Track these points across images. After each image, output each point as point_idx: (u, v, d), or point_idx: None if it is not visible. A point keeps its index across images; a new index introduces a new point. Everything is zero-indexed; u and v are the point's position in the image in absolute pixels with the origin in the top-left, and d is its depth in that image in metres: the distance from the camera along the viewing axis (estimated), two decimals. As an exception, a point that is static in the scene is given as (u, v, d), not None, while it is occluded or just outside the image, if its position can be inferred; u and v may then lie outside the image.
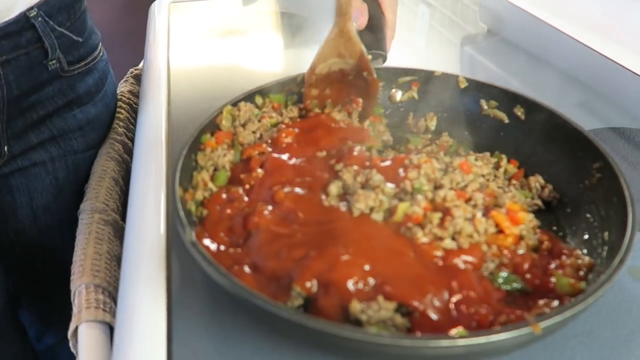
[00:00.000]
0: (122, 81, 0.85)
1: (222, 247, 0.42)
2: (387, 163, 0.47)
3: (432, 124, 0.60)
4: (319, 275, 0.37)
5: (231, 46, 0.89)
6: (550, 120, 0.52)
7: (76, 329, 0.47)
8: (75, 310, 0.49)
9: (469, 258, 0.39)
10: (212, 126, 0.52)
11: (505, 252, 0.41)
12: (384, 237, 0.41)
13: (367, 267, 0.38)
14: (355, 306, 0.36)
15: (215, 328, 0.39)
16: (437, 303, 0.36)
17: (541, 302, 0.37)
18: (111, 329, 0.46)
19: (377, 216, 0.43)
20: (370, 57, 0.58)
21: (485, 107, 0.58)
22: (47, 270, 0.76)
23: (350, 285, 0.37)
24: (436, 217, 0.42)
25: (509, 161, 0.53)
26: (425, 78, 0.60)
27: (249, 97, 0.55)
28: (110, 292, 0.51)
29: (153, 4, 1.06)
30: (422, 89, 0.60)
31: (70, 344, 0.48)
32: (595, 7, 0.90)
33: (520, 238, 0.43)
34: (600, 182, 0.46)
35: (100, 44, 0.73)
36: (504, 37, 0.94)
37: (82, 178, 0.70)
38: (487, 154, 0.54)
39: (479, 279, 0.38)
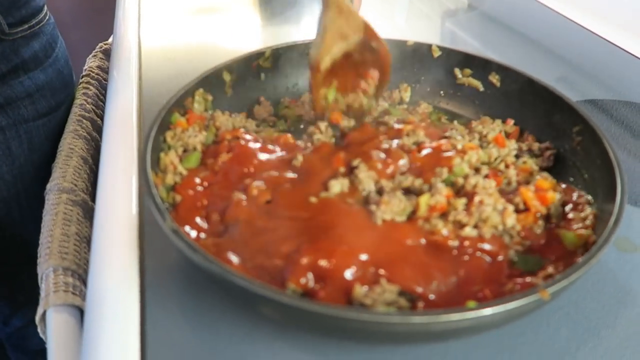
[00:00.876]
0: (90, 56, 0.81)
1: (202, 235, 0.39)
2: (428, 151, 0.45)
3: (407, 95, 0.58)
4: (313, 269, 0.35)
5: (206, 22, 0.86)
6: (526, 85, 0.52)
7: (44, 313, 0.45)
8: (42, 294, 0.47)
9: (489, 247, 0.38)
10: (180, 106, 0.49)
11: (523, 233, 0.40)
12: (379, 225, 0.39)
13: (364, 257, 0.36)
14: (359, 290, 0.34)
15: (191, 310, 0.38)
16: (442, 289, 0.34)
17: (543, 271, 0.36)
18: (82, 313, 0.44)
19: (401, 218, 0.40)
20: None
21: (460, 75, 0.57)
22: (8, 248, 0.73)
23: (349, 275, 0.35)
24: (461, 203, 0.40)
25: (504, 122, 0.52)
26: (398, 48, 0.58)
27: (217, 73, 0.52)
28: (80, 274, 0.48)
29: (122, -23, 1.01)
30: (395, 60, 0.59)
31: (39, 329, 0.46)
32: (575, -19, 0.89)
33: (547, 217, 0.41)
34: (581, 145, 0.46)
35: (45, 6, 0.69)
36: (484, 12, 0.93)
37: (38, 149, 0.67)
38: (487, 118, 0.53)
39: (493, 264, 0.37)
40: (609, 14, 0.83)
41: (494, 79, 0.55)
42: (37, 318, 0.45)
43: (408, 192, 0.42)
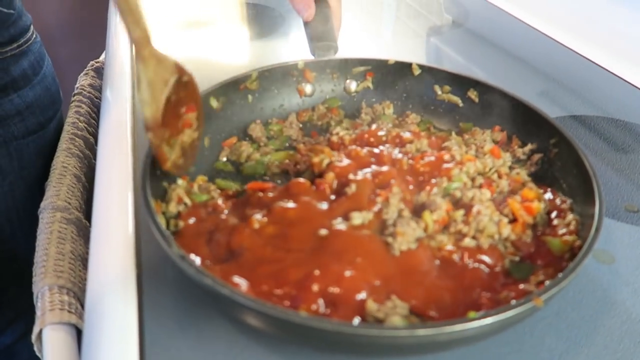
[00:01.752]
0: (81, 74, 0.81)
1: (208, 262, 0.40)
2: (430, 159, 0.47)
3: (389, 111, 0.60)
4: (324, 295, 0.36)
5: (196, 37, 0.87)
6: (503, 100, 0.55)
7: (41, 332, 0.45)
8: (38, 313, 0.47)
9: (487, 259, 0.40)
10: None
11: (515, 242, 0.42)
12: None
13: (377, 283, 0.37)
14: (372, 306, 0.35)
15: (189, 327, 0.38)
16: (450, 307, 0.36)
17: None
18: (78, 331, 0.45)
19: (414, 245, 0.41)
20: (321, 49, 0.58)
21: (440, 92, 0.59)
22: None
23: (360, 297, 0.36)
24: (459, 214, 0.42)
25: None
26: (379, 67, 0.61)
27: (204, 99, 0.51)
28: (75, 292, 0.49)
29: (112, -6, 1.03)
30: (377, 78, 0.61)
31: (35, 348, 0.46)
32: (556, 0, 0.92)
33: (533, 225, 0.44)
34: (558, 156, 0.48)
35: (32, 25, 0.71)
36: (468, 29, 0.95)
37: (28, 166, 0.68)
38: (477, 129, 0.56)
39: (491, 273, 0.39)
40: (590, 34, 0.86)
41: (472, 94, 0.57)
42: (34, 337, 0.45)
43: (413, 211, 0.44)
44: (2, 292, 0.76)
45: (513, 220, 0.43)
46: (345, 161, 0.48)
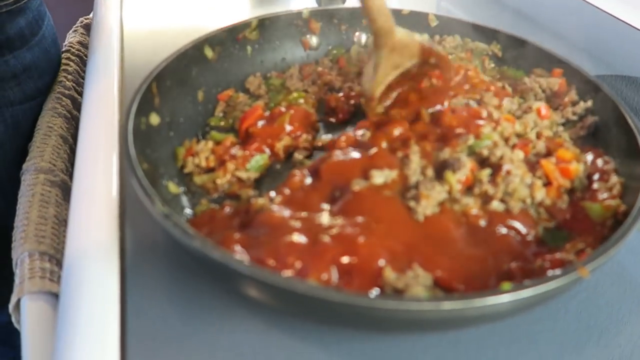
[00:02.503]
0: (70, 31, 0.76)
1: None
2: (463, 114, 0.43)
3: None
4: (337, 264, 0.31)
5: (191, 2, 0.81)
6: (529, 52, 0.50)
7: (19, 301, 0.41)
8: (17, 280, 0.43)
9: (519, 225, 0.35)
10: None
11: (549, 207, 0.37)
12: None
13: (397, 249, 0.32)
14: (390, 274, 0.31)
15: (178, 296, 0.34)
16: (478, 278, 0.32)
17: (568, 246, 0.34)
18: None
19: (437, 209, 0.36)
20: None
21: (461, 43, 0.55)
22: None
23: (381, 263, 0.31)
24: (485, 174, 0.38)
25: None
26: (393, 17, 0.55)
27: (198, 46, 0.48)
28: (58, 259, 0.45)
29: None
30: None
31: (13, 318, 0.42)
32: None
33: (571, 190, 0.39)
34: (598, 114, 0.44)
35: None
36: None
37: (24, 133, 0.63)
38: (539, 69, 0.50)
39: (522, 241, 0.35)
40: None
41: (495, 48, 0.53)
42: (11, 306, 0.42)
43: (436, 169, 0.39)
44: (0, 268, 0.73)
45: (547, 184, 0.38)
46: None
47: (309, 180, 0.38)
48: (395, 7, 0.55)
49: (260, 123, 0.45)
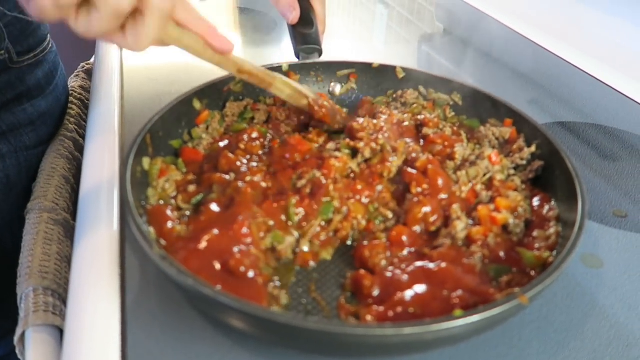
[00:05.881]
0: (72, 76, 0.81)
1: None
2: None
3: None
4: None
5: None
6: (484, 101, 0.55)
7: (24, 334, 0.44)
8: (22, 314, 0.46)
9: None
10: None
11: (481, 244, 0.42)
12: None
13: None
14: None
15: (172, 329, 0.38)
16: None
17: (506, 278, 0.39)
18: (62, 334, 0.44)
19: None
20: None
21: (425, 93, 0.59)
22: None
23: None
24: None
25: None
26: (363, 70, 0.61)
27: (186, 101, 0.52)
28: (60, 294, 0.48)
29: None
30: (361, 80, 0.61)
31: (17, 351, 0.45)
32: (546, 8, 0.93)
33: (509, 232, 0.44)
34: (540, 157, 0.49)
35: (49, 35, 0.70)
36: (459, 36, 0.96)
37: (34, 176, 0.66)
38: (492, 120, 0.55)
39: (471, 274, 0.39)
40: (579, 43, 0.87)
41: (456, 97, 0.58)
42: (16, 339, 0.45)
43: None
44: (1, 304, 0.75)
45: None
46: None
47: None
48: (366, 61, 0.61)
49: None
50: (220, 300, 0.31)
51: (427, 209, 0.43)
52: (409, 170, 0.46)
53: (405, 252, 0.41)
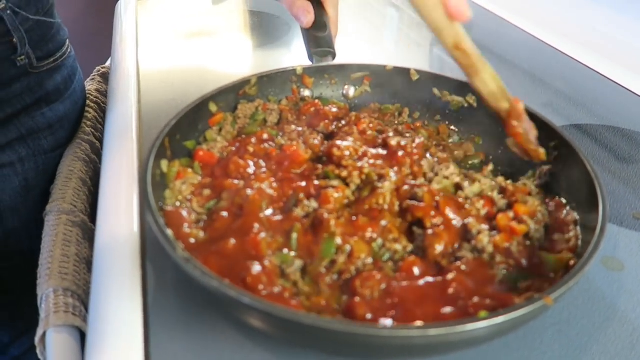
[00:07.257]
0: (88, 79, 0.82)
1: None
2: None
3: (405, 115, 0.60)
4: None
5: (201, 45, 0.88)
6: None
7: (44, 334, 0.45)
8: (42, 315, 0.47)
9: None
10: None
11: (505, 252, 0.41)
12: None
13: None
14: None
15: (194, 329, 0.38)
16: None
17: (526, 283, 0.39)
18: (82, 334, 0.44)
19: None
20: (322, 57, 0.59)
21: (440, 95, 0.59)
22: (14, 277, 0.72)
23: None
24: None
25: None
26: (377, 73, 0.61)
27: (202, 105, 0.52)
28: (79, 295, 0.49)
29: (119, 3, 1.04)
30: (375, 84, 0.61)
31: (38, 351, 0.46)
32: (560, 10, 0.93)
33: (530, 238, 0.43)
34: (558, 160, 0.47)
35: (68, 40, 0.71)
36: (472, 39, 0.96)
37: (51, 178, 0.67)
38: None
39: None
40: (594, 44, 0.86)
41: (471, 100, 0.57)
42: (37, 339, 0.45)
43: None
44: (15, 304, 0.76)
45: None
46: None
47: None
48: (380, 64, 0.61)
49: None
50: (246, 303, 0.32)
51: (446, 240, 0.41)
52: (416, 203, 0.43)
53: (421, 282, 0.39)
